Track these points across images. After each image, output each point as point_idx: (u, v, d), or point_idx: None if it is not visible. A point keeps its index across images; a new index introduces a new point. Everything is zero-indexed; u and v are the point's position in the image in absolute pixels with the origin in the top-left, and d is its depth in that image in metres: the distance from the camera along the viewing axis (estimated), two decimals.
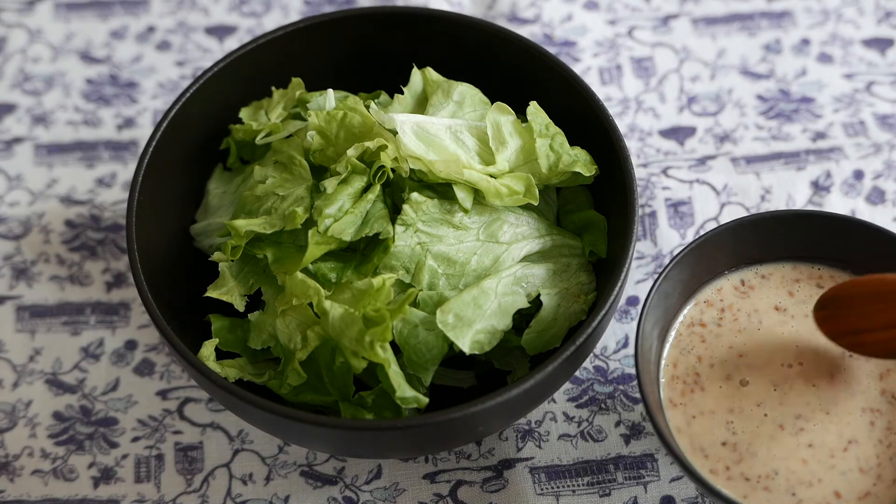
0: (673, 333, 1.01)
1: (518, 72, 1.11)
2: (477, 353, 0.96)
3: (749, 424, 0.97)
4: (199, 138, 1.12)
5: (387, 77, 1.14)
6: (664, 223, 1.19)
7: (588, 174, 1.03)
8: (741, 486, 0.95)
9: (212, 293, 1.01)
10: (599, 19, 1.34)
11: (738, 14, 1.34)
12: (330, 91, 1.07)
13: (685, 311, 1.03)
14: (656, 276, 1.02)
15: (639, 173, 1.22)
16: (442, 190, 1.00)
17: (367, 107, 1.03)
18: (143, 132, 1.28)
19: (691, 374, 1.00)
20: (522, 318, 1.00)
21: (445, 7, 1.35)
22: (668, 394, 0.99)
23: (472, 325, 0.96)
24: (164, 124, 1.07)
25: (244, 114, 1.11)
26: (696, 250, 1.01)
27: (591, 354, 1.10)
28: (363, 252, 0.99)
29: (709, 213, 1.20)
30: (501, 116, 1.02)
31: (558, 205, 1.08)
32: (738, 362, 1.00)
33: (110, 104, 1.30)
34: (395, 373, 0.93)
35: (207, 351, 0.99)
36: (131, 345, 1.15)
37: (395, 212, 0.99)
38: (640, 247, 1.18)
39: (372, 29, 1.14)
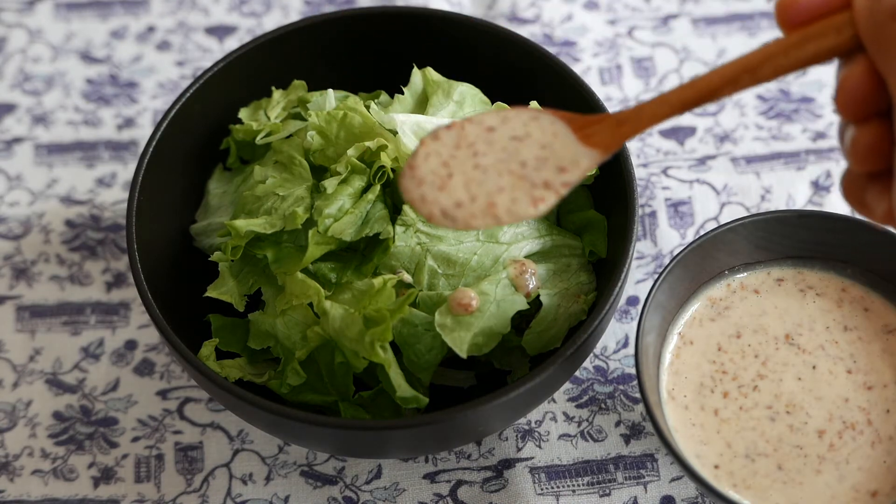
0: (673, 332, 1.02)
1: (518, 72, 1.11)
2: (475, 354, 0.96)
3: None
4: (199, 138, 1.12)
5: (387, 77, 1.14)
6: (664, 223, 1.19)
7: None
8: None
9: (212, 293, 1.01)
10: (599, 19, 1.34)
11: (738, 14, 1.34)
12: (330, 91, 1.06)
13: (685, 310, 1.03)
14: (656, 275, 1.02)
15: (639, 173, 1.22)
16: None
17: (367, 107, 1.03)
18: (143, 132, 1.28)
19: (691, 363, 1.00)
20: (522, 319, 1.00)
21: (445, 7, 1.35)
22: (668, 389, 0.99)
23: (471, 327, 0.95)
24: (164, 124, 1.07)
25: (244, 114, 1.11)
26: (696, 250, 1.01)
27: (591, 354, 1.10)
28: (363, 252, 0.99)
29: (709, 213, 1.20)
30: None
31: (558, 205, 1.08)
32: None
33: (110, 104, 1.30)
34: (395, 373, 0.93)
35: (207, 351, 1.00)
36: (131, 345, 1.15)
37: (395, 212, 0.99)
38: (640, 247, 1.18)
39: (372, 29, 1.13)
